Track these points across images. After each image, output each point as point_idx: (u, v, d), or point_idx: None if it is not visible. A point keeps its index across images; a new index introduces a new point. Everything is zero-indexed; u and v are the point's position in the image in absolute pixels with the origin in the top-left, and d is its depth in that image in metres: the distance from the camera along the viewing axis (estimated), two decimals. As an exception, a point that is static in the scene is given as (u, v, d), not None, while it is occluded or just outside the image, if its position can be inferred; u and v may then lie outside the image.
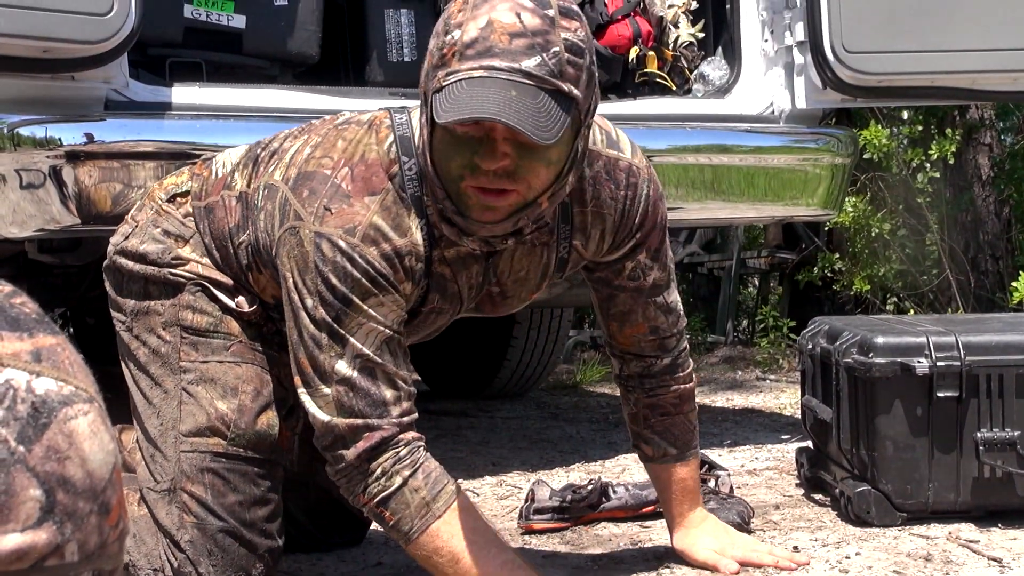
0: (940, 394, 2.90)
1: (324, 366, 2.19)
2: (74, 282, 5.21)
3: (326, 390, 2.20)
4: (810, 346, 3.33)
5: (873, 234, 7.19)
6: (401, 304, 2.23)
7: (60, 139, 3.18)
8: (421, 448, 2.25)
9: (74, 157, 3.17)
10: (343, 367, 2.19)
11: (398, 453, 2.22)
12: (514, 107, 1.98)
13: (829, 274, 7.58)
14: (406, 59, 4.07)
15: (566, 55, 2.04)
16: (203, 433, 2.43)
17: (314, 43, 3.92)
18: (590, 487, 3.08)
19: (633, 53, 4.08)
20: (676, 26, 4.16)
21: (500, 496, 3.47)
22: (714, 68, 4.15)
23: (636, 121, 3.82)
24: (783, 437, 4.41)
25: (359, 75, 4.07)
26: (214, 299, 2.47)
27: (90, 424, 0.89)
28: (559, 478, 3.72)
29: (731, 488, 3.16)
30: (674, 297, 2.56)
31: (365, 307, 2.18)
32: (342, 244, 2.17)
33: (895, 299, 7.90)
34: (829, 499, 3.24)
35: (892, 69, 3.89)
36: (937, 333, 2.97)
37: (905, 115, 7.75)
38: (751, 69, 4.09)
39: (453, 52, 2.03)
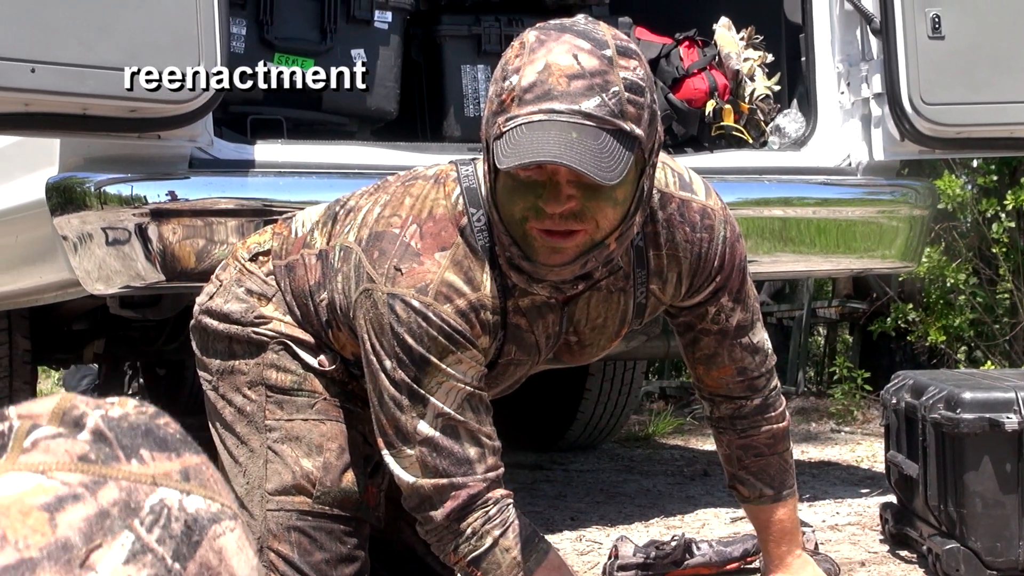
0: (1030, 450, 2.87)
1: (406, 427, 2.19)
2: (151, 336, 5.27)
3: (409, 451, 2.19)
4: (894, 401, 3.30)
5: (948, 284, 7.13)
6: (480, 360, 2.23)
7: (145, 197, 3.22)
8: (510, 506, 2.24)
9: (159, 215, 3.21)
10: (425, 427, 2.18)
11: (487, 512, 2.20)
12: (576, 149, 1.97)
13: (903, 325, 7.52)
14: (483, 114, 4.08)
15: (626, 94, 2.02)
16: (289, 492, 2.43)
17: (392, 99, 3.95)
18: (674, 543, 3.06)
19: (709, 106, 4.08)
20: (752, 79, 4.16)
21: (581, 552, 3.46)
22: (790, 121, 4.15)
23: (713, 174, 3.80)
24: (863, 491, 4.37)
25: (436, 131, 4.10)
26: (297, 357, 2.48)
27: (236, 540, 0.91)
28: (639, 533, 3.70)
29: (816, 544, 3.13)
30: (760, 336, 2.51)
31: (443, 366, 2.17)
32: (415, 304, 2.17)
33: (965, 348, 7.82)
34: (916, 556, 3.21)
35: (970, 120, 3.87)
36: (1025, 388, 2.94)
37: (975, 164, 7.70)
38: (827, 121, 4.08)
39: (512, 97, 2.02)
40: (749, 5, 4.41)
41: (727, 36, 4.23)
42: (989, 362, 7.28)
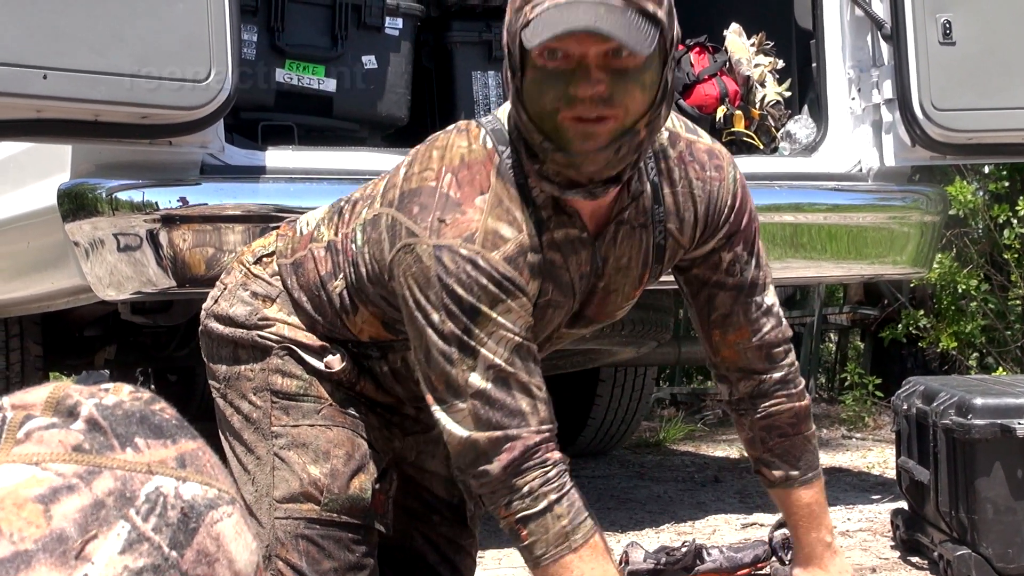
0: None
1: (457, 380, 2.15)
2: (162, 342, 5.29)
3: (461, 405, 2.15)
4: (905, 407, 3.29)
5: (959, 290, 7.12)
6: (528, 308, 2.20)
7: (157, 203, 3.23)
8: (567, 473, 2.21)
9: (170, 221, 3.22)
10: (477, 379, 2.14)
11: (546, 473, 2.16)
12: (606, 20, 1.98)
13: (914, 331, 7.51)
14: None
15: None
16: (297, 499, 2.40)
17: (403, 106, 3.96)
18: (684, 549, 3.06)
19: (720, 112, 4.08)
20: (763, 85, 4.16)
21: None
22: (801, 127, 4.15)
23: (724, 180, 3.81)
24: (873, 497, 4.36)
25: (447, 137, 4.10)
26: (302, 362, 2.46)
27: (234, 525, 0.91)
28: (650, 539, 3.69)
29: (827, 551, 3.12)
30: (773, 300, 2.47)
31: (494, 315, 2.14)
32: (464, 252, 2.13)
33: (977, 354, 7.80)
34: (927, 562, 3.20)
35: (981, 126, 3.87)
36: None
37: (987, 170, 7.69)
38: (838, 127, 4.08)
39: None
40: (760, 11, 4.41)
41: (737, 42, 4.23)
42: (1001, 368, 7.26)
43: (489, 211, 2.17)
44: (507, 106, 2.24)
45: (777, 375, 2.48)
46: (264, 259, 2.53)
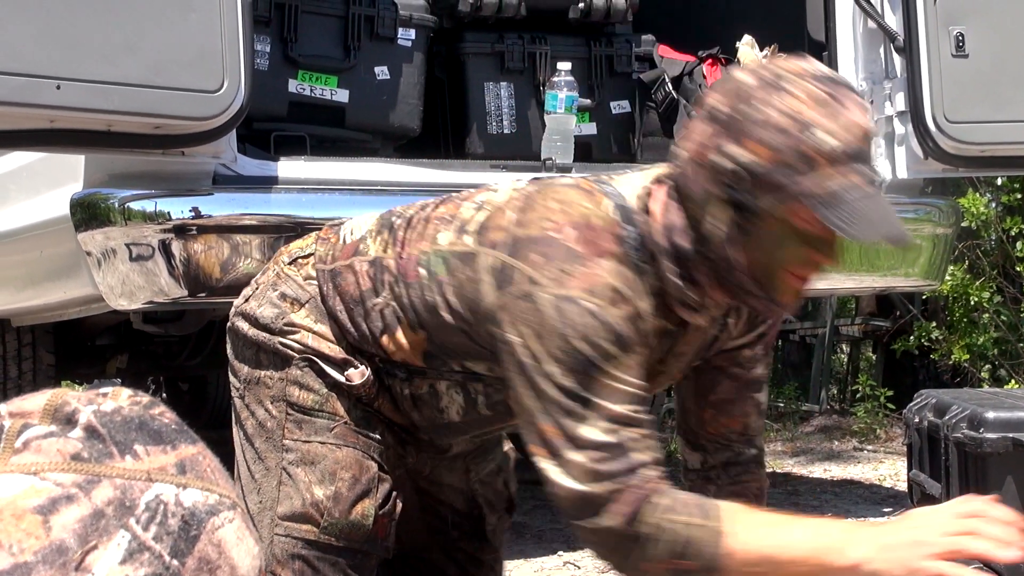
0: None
1: (572, 432, 2.08)
2: (174, 351, 5.29)
3: (578, 458, 2.07)
4: (917, 420, 3.29)
5: (972, 303, 7.11)
6: (642, 364, 2.19)
7: (169, 213, 3.24)
8: (666, 486, 2.19)
9: (182, 231, 3.22)
10: (594, 432, 2.08)
11: (656, 505, 2.15)
12: (901, 225, 2.07)
13: (926, 343, 7.50)
14: (506, 131, 4.10)
15: None
16: (297, 518, 2.37)
17: (415, 117, 3.97)
18: (695, 562, 3.05)
19: (732, 124, 4.08)
20: (775, 97, 4.15)
21: (601, 570, 3.45)
22: (813, 138, 4.14)
23: (736, 192, 3.82)
24: (885, 510, 4.35)
25: (459, 148, 4.11)
26: (322, 375, 2.41)
27: (236, 531, 0.91)
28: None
29: (838, 564, 3.11)
30: (765, 398, 2.54)
31: (611, 370, 2.09)
32: (588, 306, 2.09)
33: (989, 367, 7.79)
34: (938, 576, 3.19)
35: (994, 139, 3.86)
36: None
37: (999, 182, 7.68)
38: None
39: (823, 156, 2.01)
40: (772, 23, 4.41)
41: (750, 54, 4.23)
42: (1013, 381, 7.25)
43: (612, 272, 2.13)
44: (630, 182, 2.22)
45: (753, 452, 2.52)
46: (300, 260, 2.48)
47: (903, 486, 4.48)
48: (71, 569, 0.84)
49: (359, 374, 2.40)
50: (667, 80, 4.19)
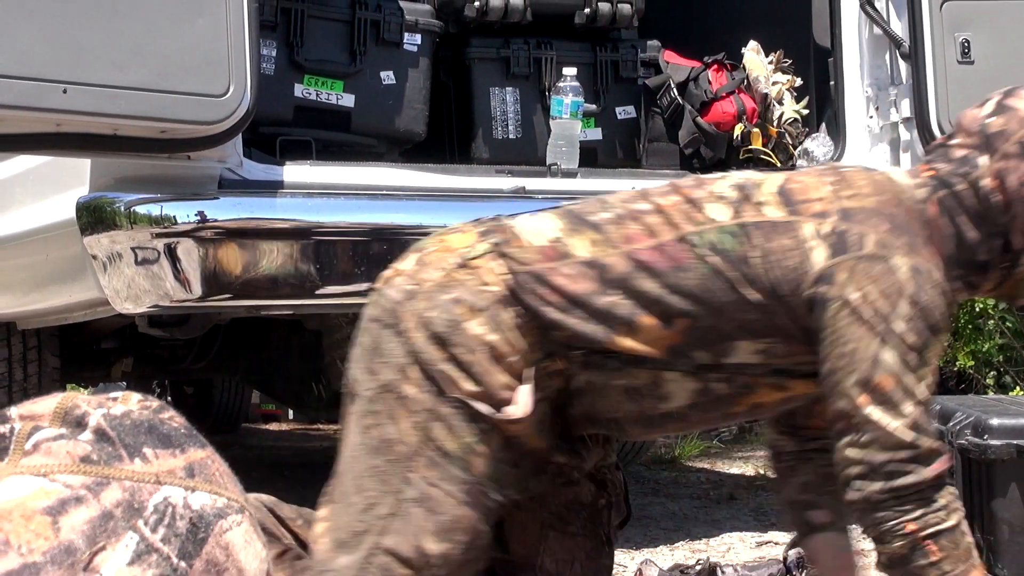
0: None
1: (911, 387, 2.22)
2: (179, 355, 5.30)
3: (908, 409, 2.21)
4: (921, 426, 3.28)
5: (977, 309, 7.10)
6: None
7: (175, 217, 3.24)
8: None
9: (188, 235, 3.23)
10: (923, 391, 2.23)
11: (953, 492, 2.25)
12: None
13: (931, 349, 7.48)
14: (511, 136, 4.10)
15: None
16: (400, 559, 2.28)
17: (421, 121, 3.97)
18: (699, 567, 3.06)
19: (738, 130, 4.09)
20: (780, 103, 4.16)
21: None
22: (818, 144, 4.15)
23: (741, 198, 3.82)
24: (889, 516, 4.34)
25: (465, 152, 4.11)
26: (475, 420, 2.28)
27: (244, 534, 0.91)
28: (664, 556, 3.69)
29: (841, 570, 3.11)
30: None
31: (937, 344, 2.27)
32: (936, 279, 2.26)
33: (994, 373, 7.78)
34: (942, 583, 3.18)
35: (1000, 145, 3.86)
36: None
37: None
38: (856, 145, 4.08)
39: None
40: (778, 29, 4.41)
41: (755, 60, 4.23)
42: (1018, 388, 7.24)
43: (935, 259, 2.30)
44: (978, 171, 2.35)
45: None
46: (472, 263, 2.35)
47: (907, 492, 4.46)
48: (79, 569, 0.85)
49: (521, 408, 2.30)
50: (672, 86, 4.20)
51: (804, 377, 2.33)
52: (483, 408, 2.27)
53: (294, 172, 3.44)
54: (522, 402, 2.29)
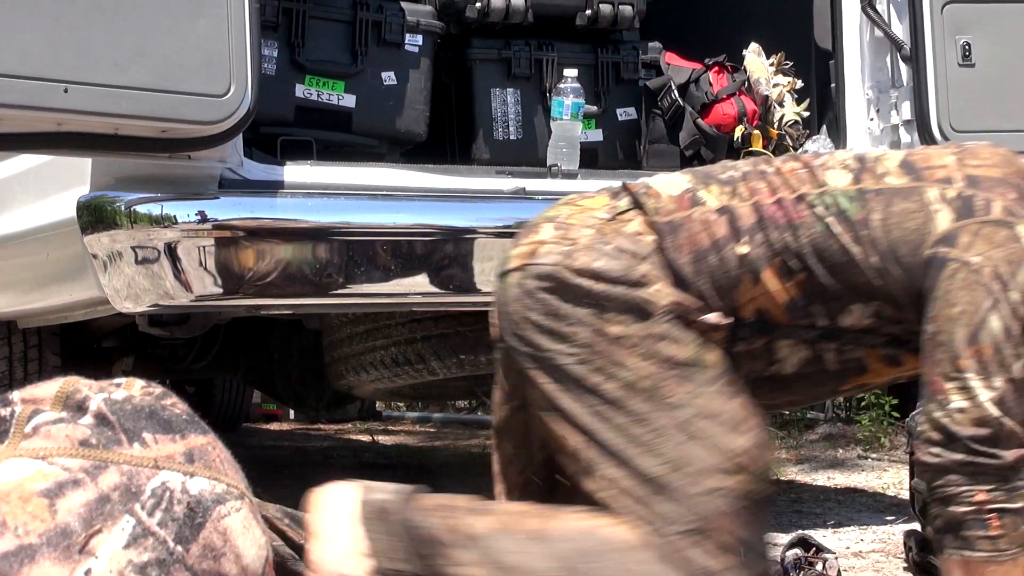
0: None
1: (1007, 359, 2.19)
2: (180, 354, 5.31)
3: (998, 383, 2.18)
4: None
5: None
6: None
7: (175, 216, 3.25)
8: None
9: (188, 234, 3.23)
10: (1019, 369, 2.19)
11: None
12: None
13: (931, 351, 7.48)
14: (512, 137, 4.11)
15: None
16: (726, 471, 2.27)
17: (422, 122, 3.98)
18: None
19: (738, 132, 4.09)
20: (781, 105, 4.16)
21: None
22: (819, 146, 4.15)
23: (741, 200, 3.83)
24: (888, 518, 4.35)
25: (465, 153, 4.12)
26: (690, 325, 2.32)
27: (243, 520, 0.92)
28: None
29: (839, 572, 3.12)
30: None
31: None
32: None
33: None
34: (939, 585, 3.19)
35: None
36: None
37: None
38: (856, 147, 4.08)
39: None
40: (779, 31, 4.42)
41: (756, 62, 4.23)
42: None
43: None
44: None
45: None
46: (620, 217, 2.39)
47: (907, 495, 4.47)
48: (75, 552, 0.85)
49: (719, 315, 2.33)
50: (673, 87, 4.20)
51: (917, 352, 2.30)
52: (692, 317, 2.30)
53: (295, 172, 3.44)
54: (718, 313, 2.32)
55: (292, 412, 8.94)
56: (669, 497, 2.26)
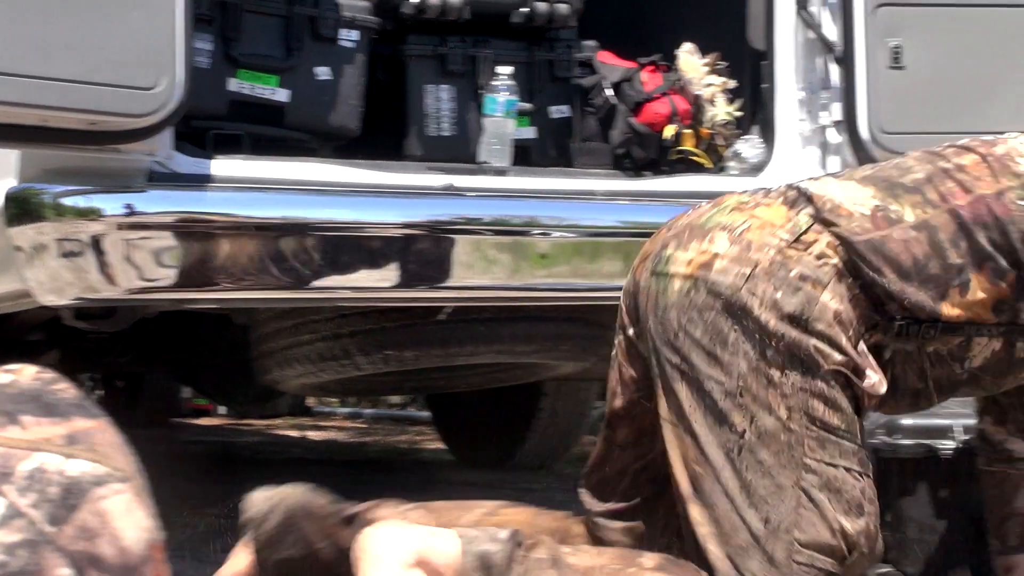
0: (964, 477, 2.91)
1: None
2: (106, 348, 5.26)
3: None
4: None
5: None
6: None
7: (102, 209, 3.22)
8: None
9: (115, 227, 3.21)
10: None
11: None
12: None
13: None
14: (445, 134, 4.10)
15: None
16: (823, 549, 2.21)
17: (356, 117, 3.96)
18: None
19: (670, 131, 4.10)
20: (713, 104, 4.18)
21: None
22: (749, 146, 4.18)
23: (669, 198, 3.86)
24: None
25: (398, 149, 4.11)
26: (850, 388, 2.24)
27: (124, 503, 0.91)
28: (590, 555, 3.69)
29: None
30: None
31: None
32: None
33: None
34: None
35: (928, 151, 3.90)
36: (963, 416, 2.97)
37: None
38: (786, 148, 4.11)
39: None
40: (714, 31, 4.44)
41: (690, 61, 4.25)
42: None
43: None
44: None
45: None
46: (803, 239, 2.29)
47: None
48: (-56, 534, 0.85)
49: (881, 380, 2.28)
50: (606, 86, 4.21)
51: None
52: (856, 380, 2.24)
53: (225, 166, 3.43)
54: (879, 376, 2.27)
55: (223, 407, 8.89)
56: (764, 558, 2.20)
